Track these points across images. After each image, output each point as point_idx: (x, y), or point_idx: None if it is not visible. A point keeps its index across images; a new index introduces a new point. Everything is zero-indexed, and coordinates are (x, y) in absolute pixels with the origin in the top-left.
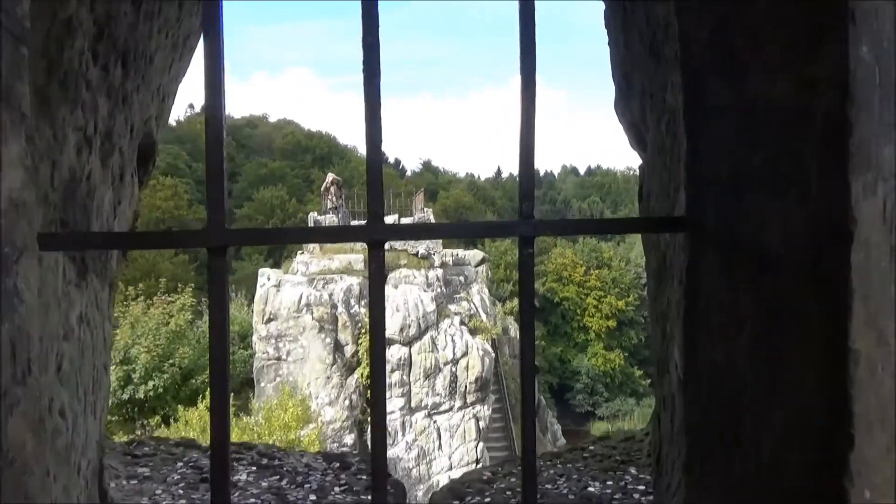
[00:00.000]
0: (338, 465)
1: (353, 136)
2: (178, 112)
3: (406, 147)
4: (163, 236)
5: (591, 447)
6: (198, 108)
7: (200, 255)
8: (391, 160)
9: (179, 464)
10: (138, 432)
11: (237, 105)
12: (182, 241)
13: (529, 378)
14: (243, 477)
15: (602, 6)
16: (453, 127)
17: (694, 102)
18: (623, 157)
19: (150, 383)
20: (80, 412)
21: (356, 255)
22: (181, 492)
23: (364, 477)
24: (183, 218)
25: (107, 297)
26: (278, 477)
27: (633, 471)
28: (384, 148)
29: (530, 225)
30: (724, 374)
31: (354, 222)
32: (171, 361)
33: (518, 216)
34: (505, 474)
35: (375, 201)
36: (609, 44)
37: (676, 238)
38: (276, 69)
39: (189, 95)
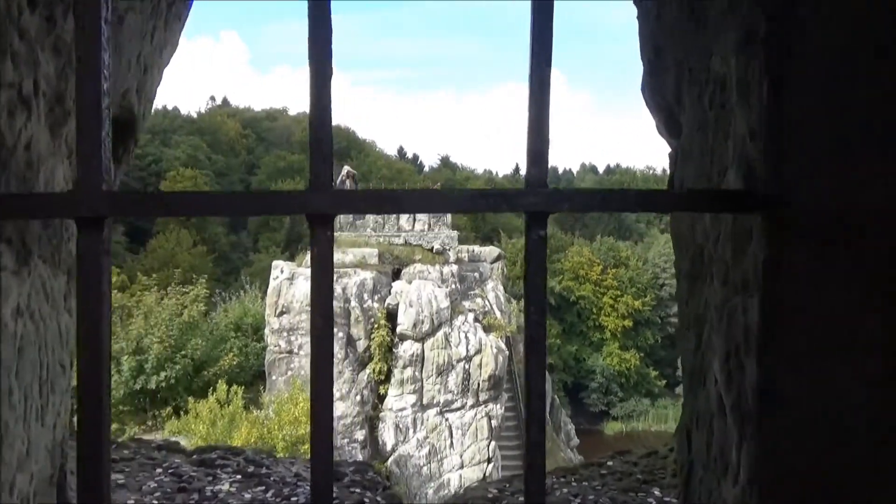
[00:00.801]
0: None
1: (372, 131)
2: (198, 104)
3: (425, 143)
4: (17, 200)
5: (610, 463)
6: (219, 101)
7: (219, 245)
8: (409, 155)
9: (158, 470)
10: (149, 422)
11: (257, 98)
12: (42, 207)
13: (538, 401)
14: (225, 487)
15: None
16: (473, 123)
17: (779, 30)
18: (643, 157)
19: (163, 374)
20: (15, 420)
21: (370, 249)
22: (155, 502)
23: (357, 490)
24: None
25: (63, 285)
26: (264, 488)
27: (656, 492)
28: (404, 143)
29: (542, 196)
30: (822, 428)
31: (370, 216)
32: (183, 353)
33: (525, 186)
34: (513, 492)
35: (320, 163)
36: (638, 17)
37: (722, 224)
38: (298, 63)
39: (210, 88)
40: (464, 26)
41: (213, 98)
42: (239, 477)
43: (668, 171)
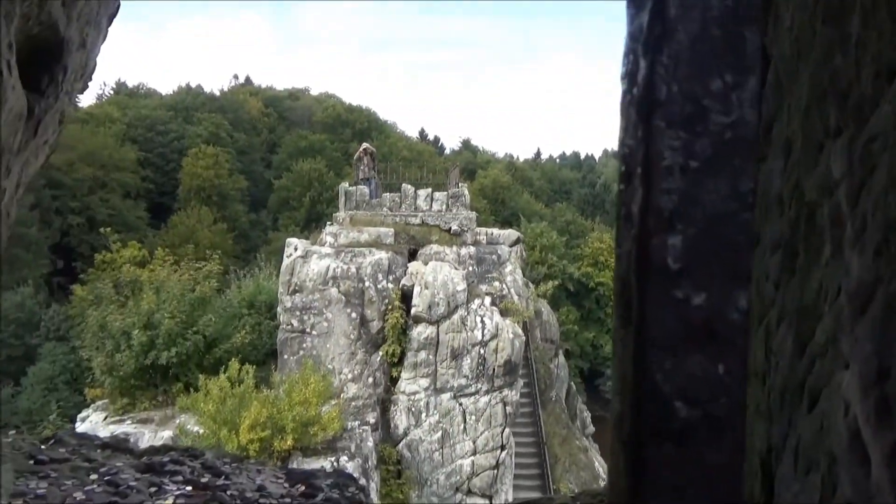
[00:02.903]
0: (302, 489)
1: (393, 112)
2: (221, 82)
3: (446, 125)
4: None
5: None
6: (242, 79)
7: (238, 224)
8: (430, 137)
9: (94, 476)
10: (160, 398)
11: (280, 77)
12: None
13: None
14: (169, 502)
15: None
16: (494, 106)
17: None
18: None
19: (174, 350)
20: None
21: (386, 228)
22: None
23: None
24: (223, 186)
25: None
26: None
27: None
28: (425, 125)
29: None
30: None
31: (387, 195)
32: (194, 329)
33: None
34: None
35: None
36: None
37: (879, 164)
38: (321, 43)
39: (233, 66)
40: (482, 8)
41: (235, 76)
42: (188, 489)
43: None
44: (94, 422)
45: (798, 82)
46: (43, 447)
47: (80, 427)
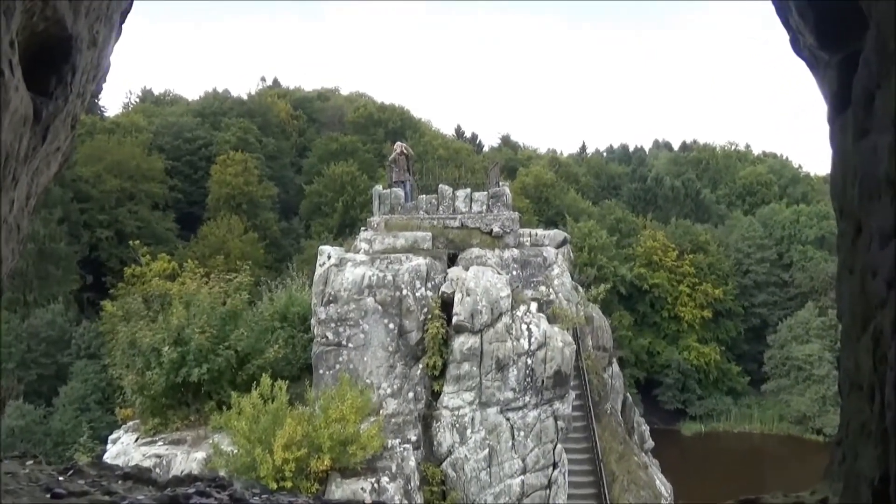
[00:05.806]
0: None
1: (426, 109)
2: (249, 86)
3: (484, 121)
4: None
5: None
6: (269, 81)
7: (270, 232)
8: (467, 135)
9: None
10: (192, 417)
11: (309, 78)
12: None
13: None
14: None
15: None
16: (534, 99)
17: None
18: (722, 131)
19: (205, 366)
20: None
21: (423, 232)
22: None
23: None
24: (253, 194)
25: None
26: None
27: None
28: (462, 122)
29: None
30: None
31: (423, 197)
32: (226, 344)
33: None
34: None
35: None
36: None
37: None
38: (351, 41)
39: (260, 69)
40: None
41: (263, 79)
42: None
43: (831, 90)
44: (125, 443)
45: None
46: (61, 478)
47: (111, 449)
